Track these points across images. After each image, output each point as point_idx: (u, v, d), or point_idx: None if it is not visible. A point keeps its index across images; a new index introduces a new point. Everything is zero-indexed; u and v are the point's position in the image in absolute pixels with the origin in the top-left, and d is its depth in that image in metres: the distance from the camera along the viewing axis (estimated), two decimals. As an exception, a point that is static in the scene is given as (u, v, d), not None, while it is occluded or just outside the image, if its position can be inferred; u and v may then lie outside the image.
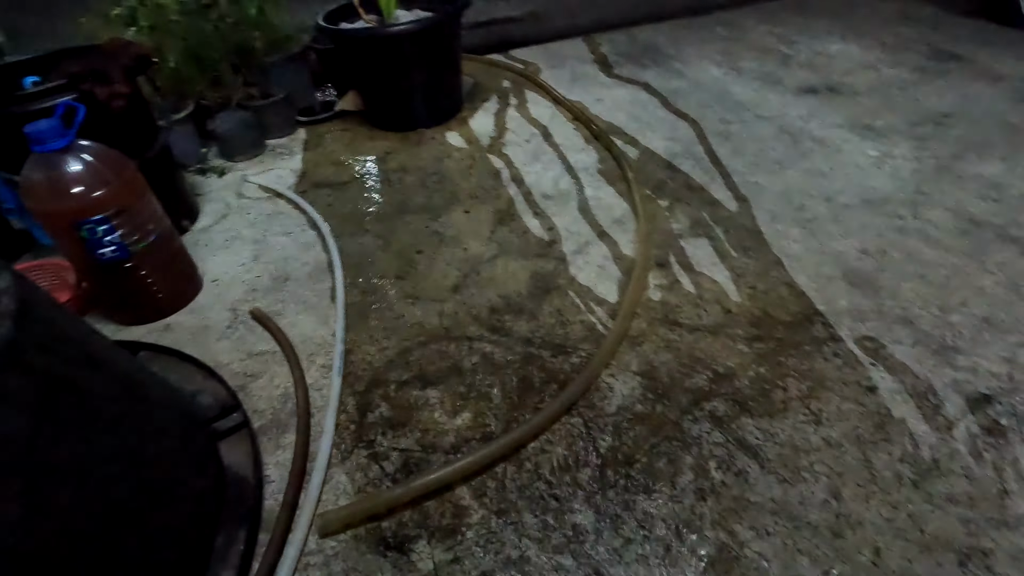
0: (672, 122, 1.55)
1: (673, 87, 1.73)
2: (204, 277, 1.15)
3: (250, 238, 1.26)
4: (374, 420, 0.85)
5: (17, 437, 0.50)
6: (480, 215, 1.26)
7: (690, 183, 1.30)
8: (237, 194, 1.43)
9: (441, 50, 1.57)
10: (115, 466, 0.58)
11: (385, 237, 1.22)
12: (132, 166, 0.97)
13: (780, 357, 0.88)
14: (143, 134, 1.17)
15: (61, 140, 0.88)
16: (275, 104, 1.63)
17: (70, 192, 0.89)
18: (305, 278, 1.13)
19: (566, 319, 0.98)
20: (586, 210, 1.25)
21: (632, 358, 0.90)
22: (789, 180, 1.27)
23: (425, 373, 0.91)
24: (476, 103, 1.75)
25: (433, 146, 1.55)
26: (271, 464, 0.80)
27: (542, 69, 1.95)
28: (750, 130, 1.48)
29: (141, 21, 1.39)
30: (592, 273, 1.08)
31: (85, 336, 0.67)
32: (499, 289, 1.06)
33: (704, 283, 1.03)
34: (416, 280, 1.10)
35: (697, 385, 0.85)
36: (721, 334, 0.93)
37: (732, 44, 2.01)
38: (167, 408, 0.73)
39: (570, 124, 1.60)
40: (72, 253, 0.98)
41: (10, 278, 0.59)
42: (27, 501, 0.49)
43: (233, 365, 0.95)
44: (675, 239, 1.14)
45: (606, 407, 0.83)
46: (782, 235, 1.12)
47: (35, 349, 0.55)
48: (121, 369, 0.68)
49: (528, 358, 0.92)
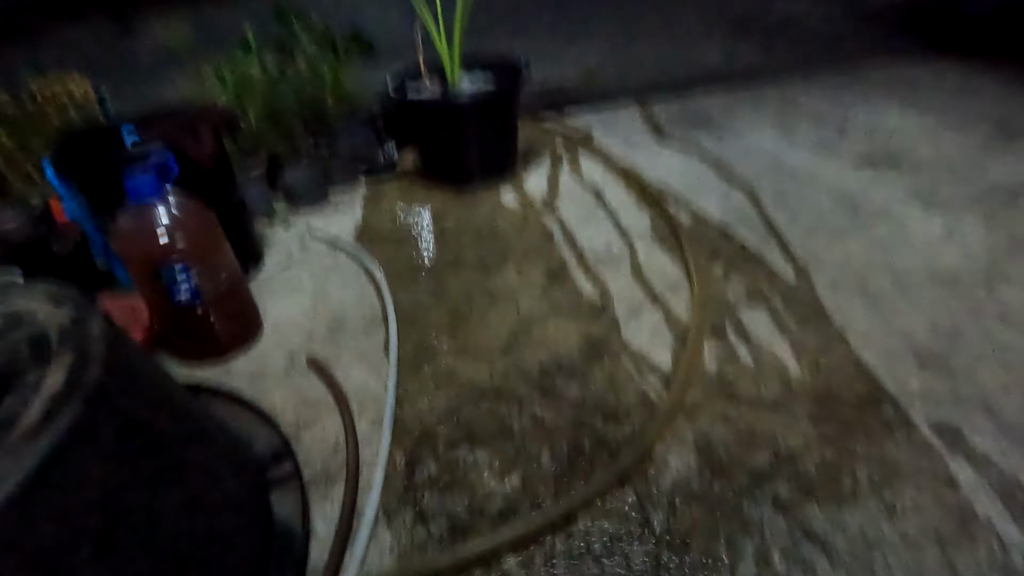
0: (725, 189, 1.55)
1: (726, 154, 1.75)
2: (265, 322, 1.20)
3: (310, 286, 1.31)
4: (422, 479, 0.84)
5: (98, 479, 0.52)
6: (532, 274, 1.28)
7: (745, 250, 1.28)
8: (300, 244, 1.50)
9: (500, 116, 1.65)
10: (180, 513, 0.60)
11: (438, 292, 1.25)
12: (213, 218, 1.04)
13: (848, 440, 0.83)
14: (224, 186, 1.26)
15: (155, 194, 0.95)
16: (340, 160, 1.73)
17: (157, 240, 0.95)
18: (360, 328, 1.16)
19: (618, 385, 0.97)
20: (639, 274, 1.25)
21: (688, 431, 0.87)
22: (850, 251, 1.24)
23: (474, 432, 0.91)
24: (530, 163, 1.81)
25: (487, 204, 1.60)
26: (318, 517, 0.80)
27: (595, 132, 2.00)
28: (806, 199, 1.47)
29: (228, 83, 1.52)
30: (645, 339, 1.06)
31: (162, 379, 0.70)
32: (550, 350, 1.06)
33: (763, 355, 1.00)
34: (467, 336, 1.11)
35: (757, 464, 0.81)
36: (782, 411, 0.89)
37: (785, 113, 2.03)
38: (228, 456, 0.75)
39: (623, 187, 1.62)
40: (149, 295, 1.05)
41: (101, 322, 0.63)
42: (100, 544, 0.50)
43: (287, 413, 0.97)
44: (731, 307, 1.12)
45: (660, 482, 0.80)
46: (845, 308, 1.08)
47: (119, 392, 0.58)
48: (188, 414, 0.71)
49: (579, 423, 0.90)
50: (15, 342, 0.61)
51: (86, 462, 0.51)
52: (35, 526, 0.46)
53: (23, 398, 0.53)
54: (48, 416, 0.50)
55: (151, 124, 1.24)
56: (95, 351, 0.58)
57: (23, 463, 0.46)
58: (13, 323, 0.64)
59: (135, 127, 1.27)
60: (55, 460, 0.48)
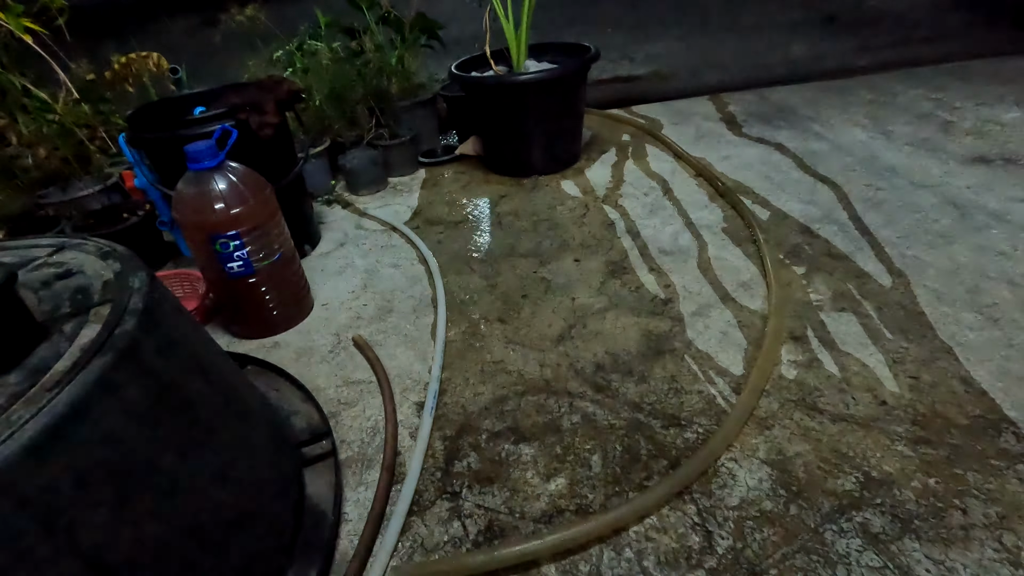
0: (810, 184, 1.41)
1: (811, 148, 1.60)
2: (315, 300, 1.18)
3: (362, 267, 1.29)
4: (461, 470, 0.79)
5: (121, 438, 0.49)
6: (591, 265, 1.20)
7: (832, 250, 1.15)
8: (356, 225, 1.48)
9: (564, 100, 1.58)
10: (208, 483, 0.57)
11: (491, 279, 1.20)
12: (269, 189, 1.03)
13: (956, 469, 0.71)
14: (284, 162, 1.26)
15: (213, 160, 0.95)
16: (401, 145, 1.71)
17: (213, 207, 0.95)
18: (409, 311, 1.12)
19: (681, 387, 0.88)
20: (708, 270, 1.14)
21: (760, 443, 0.77)
22: (958, 257, 1.09)
23: (520, 426, 0.84)
24: (593, 154, 1.73)
25: (547, 193, 1.54)
26: (351, 501, 0.76)
27: (664, 125, 1.90)
28: (905, 198, 1.31)
29: (297, 64, 1.53)
30: (713, 339, 0.96)
31: (202, 345, 0.67)
32: (606, 345, 0.98)
33: (851, 365, 0.88)
34: (519, 325, 1.05)
35: (844, 488, 0.70)
36: (875, 429, 0.77)
37: (879, 108, 1.84)
38: (263, 427, 0.72)
39: (693, 180, 1.51)
40: (205, 265, 1.05)
41: (144, 279, 0.61)
42: (116, 505, 0.47)
43: (329, 391, 0.95)
44: (814, 311, 1.00)
45: (726, 497, 0.71)
46: (952, 320, 0.94)
47: (154, 351, 0.55)
48: (228, 382, 0.68)
49: (635, 425, 0.82)
50: (60, 293, 0.60)
51: (111, 418, 0.48)
52: (52, 481, 0.44)
53: (56, 348, 0.51)
54: (76, 367, 0.48)
55: (219, 97, 1.25)
56: (132, 306, 0.56)
57: (44, 413, 0.44)
58: (63, 275, 0.64)
59: (204, 100, 1.29)
60: (78, 413, 0.46)
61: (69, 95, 1.38)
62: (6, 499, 0.41)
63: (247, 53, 1.78)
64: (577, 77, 1.57)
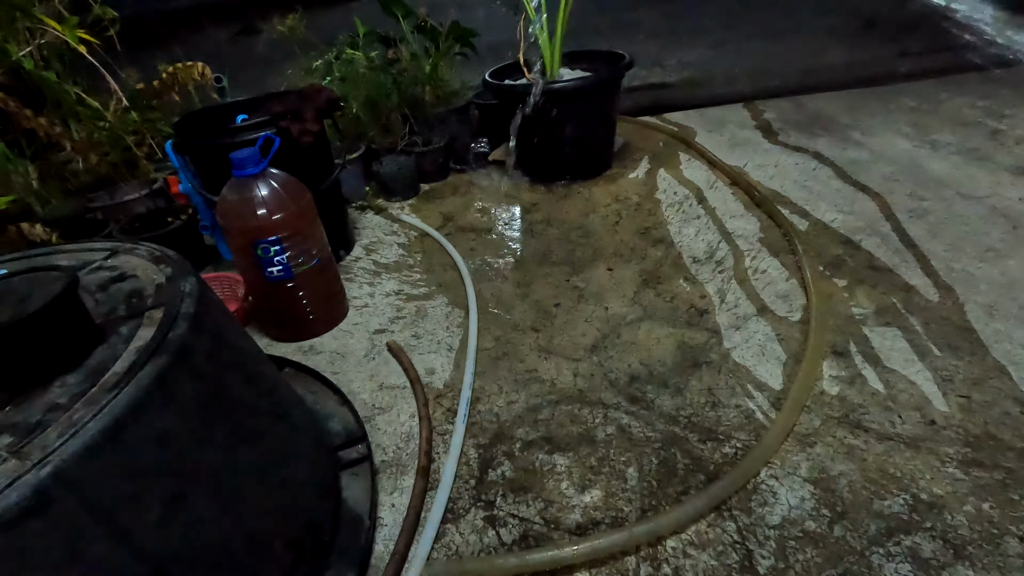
0: (850, 194, 1.38)
1: (851, 157, 1.56)
2: (350, 304, 1.20)
3: (395, 272, 1.30)
4: (495, 479, 0.79)
5: (174, 438, 0.50)
6: (624, 274, 1.19)
7: (874, 263, 1.12)
8: (389, 231, 1.50)
9: (597, 109, 1.57)
10: (251, 484, 0.58)
11: (524, 286, 1.20)
12: (309, 196, 1.05)
13: (1013, 494, 0.68)
14: (322, 169, 1.28)
15: (256, 167, 0.97)
16: (434, 151, 1.73)
17: (255, 213, 0.97)
18: (442, 317, 1.13)
19: (718, 400, 0.86)
20: (745, 281, 1.12)
21: (801, 460, 0.75)
22: (1011, 272, 1.05)
23: (554, 436, 0.84)
24: (626, 161, 1.72)
25: (579, 200, 1.53)
26: (386, 506, 0.76)
27: (698, 132, 1.87)
28: (951, 210, 1.27)
29: (335, 72, 1.56)
30: (751, 352, 0.95)
31: (247, 349, 0.69)
32: (641, 355, 0.97)
33: (897, 382, 0.85)
34: (552, 334, 1.05)
35: (891, 511, 0.68)
36: (923, 450, 0.75)
37: (923, 115, 1.79)
38: (303, 430, 0.73)
39: (728, 189, 1.49)
40: (245, 268, 1.07)
41: (195, 283, 0.63)
42: (168, 504, 0.49)
43: (364, 395, 0.96)
44: (856, 325, 0.97)
45: (767, 516, 0.69)
46: (1006, 337, 0.90)
47: (204, 354, 0.57)
48: (270, 385, 0.70)
49: (671, 438, 0.81)
50: (116, 296, 0.62)
51: (164, 420, 0.50)
52: (109, 480, 0.45)
53: (114, 350, 0.53)
54: (133, 369, 0.50)
55: (261, 105, 1.29)
56: (184, 310, 0.57)
57: (105, 414, 0.45)
58: (118, 278, 0.66)
59: (246, 108, 1.32)
60: (134, 414, 0.47)
61: (119, 103, 1.43)
62: (69, 496, 0.42)
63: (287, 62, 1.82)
64: (610, 86, 1.57)
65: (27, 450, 0.43)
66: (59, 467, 0.42)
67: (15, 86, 1.37)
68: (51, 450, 0.43)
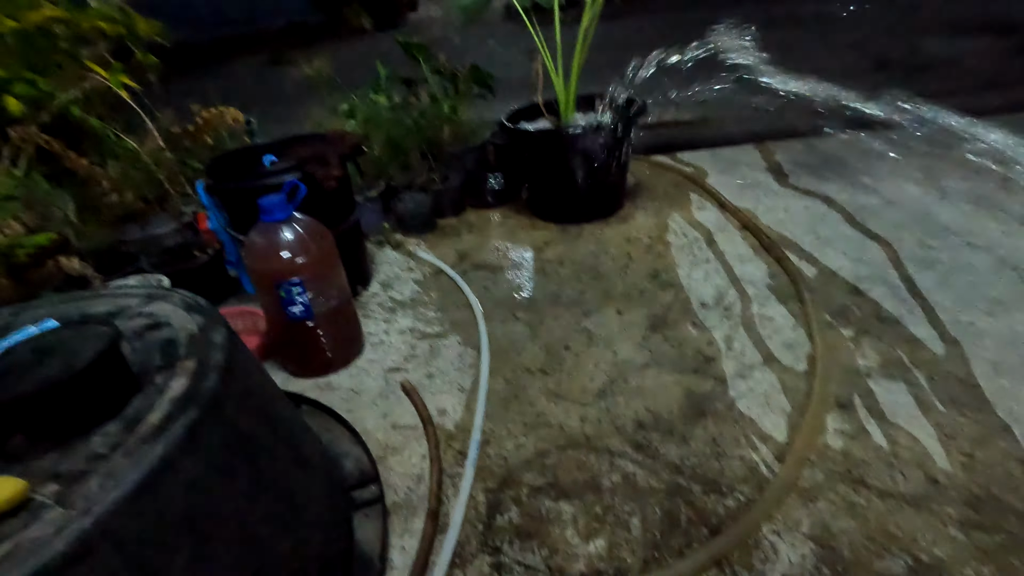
0: (859, 241, 1.40)
1: (860, 202, 1.59)
2: (366, 340, 1.24)
3: (410, 310, 1.35)
4: (502, 524, 0.81)
5: (201, 486, 0.54)
6: (633, 317, 1.22)
7: (881, 313, 1.13)
8: (406, 267, 1.55)
9: (610, 153, 1.62)
10: (271, 529, 0.61)
11: (534, 327, 1.23)
12: (331, 239, 1.10)
13: (1014, 558, 0.69)
14: (343, 208, 1.34)
15: (283, 213, 1.03)
16: (451, 189, 1.78)
17: (280, 256, 1.02)
18: (455, 357, 1.16)
19: (723, 451, 0.88)
20: (751, 328, 1.14)
21: (803, 515, 0.77)
22: (1018, 326, 1.06)
23: (560, 482, 0.86)
24: (638, 202, 1.76)
25: (590, 241, 1.57)
26: (395, 547, 0.79)
27: (709, 173, 1.91)
28: (960, 260, 1.28)
29: (358, 115, 1.63)
30: (756, 402, 0.96)
31: (270, 394, 0.73)
32: (647, 402, 0.99)
33: (900, 438, 0.86)
34: (561, 377, 1.07)
35: (892, 571, 0.69)
36: (924, 509, 0.76)
37: (934, 160, 1.81)
38: (320, 473, 0.76)
39: (737, 232, 1.52)
40: (268, 307, 1.12)
41: (225, 334, 0.67)
42: (196, 552, 0.52)
43: (378, 434, 0.99)
44: (861, 377, 0.98)
45: (768, 572, 0.71)
46: (1011, 395, 0.91)
47: (231, 403, 0.61)
48: (291, 430, 0.73)
49: (675, 489, 0.83)
50: (151, 344, 0.66)
51: (193, 469, 0.53)
52: (143, 528, 0.49)
53: (150, 400, 0.57)
54: (168, 420, 0.54)
55: (287, 148, 1.35)
56: (215, 361, 0.62)
57: (141, 464, 0.49)
58: (153, 326, 0.70)
59: (273, 150, 1.39)
60: (169, 464, 0.51)
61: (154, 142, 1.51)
62: (107, 543, 0.46)
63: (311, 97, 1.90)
64: (625, 131, 1.62)
65: (71, 499, 0.47)
66: (100, 516, 0.45)
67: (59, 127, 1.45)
68: (93, 500, 0.46)
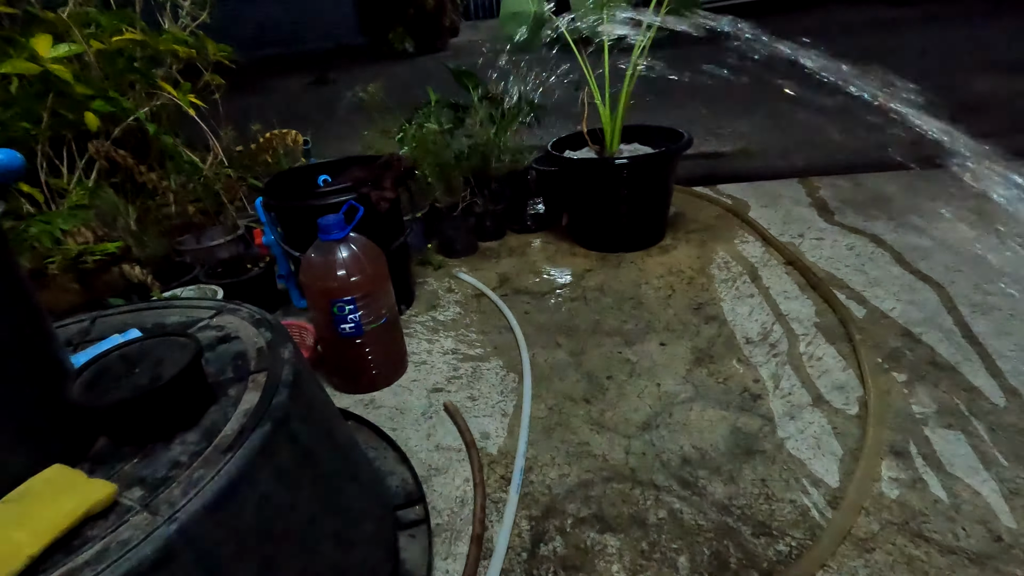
0: (910, 283, 1.37)
1: (910, 243, 1.56)
2: (410, 359, 1.26)
3: (452, 330, 1.36)
4: (546, 554, 0.80)
5: (270, 501, 0.55)
6: (676, 350, 1.21)
7: (936, 359, 1.11)
8: (448, 288, 1.57)
9: (654, 184, 1.63)
10: (329, 543, 0.62)
11: (576, 355, 1.23)
12: (384, 259, 1.13)
13: (1089, 628, 0.65)
14: (394, 229, 1.37)
15: (340, 232, 1.06)
16: (493, 212, 1.81)
17: (336, 274, 1.05)
18: (497, 381, 1.17)
19: (772, 493, 0.86)
20: (799, 367, 1.13)
21: (859, 566, 0.74)
22: (1084, 379, 1.02)
23: (605, 515, 0.85)
24: (679, 233, 1.76)
25: (632, 270, 1.57)
26: (439, 571, 0.79)
27: (752, 207, 1.90)
28: (1018, 306, 1.24)
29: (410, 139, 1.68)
30: (806, 444, 0.94)
31: (329, 410, 0.75)
32: (693, 438, 0.98)
33: (961, 491, 0.83)
34: (604, 407, 1.07)
35: (956, 632, 0.66)
36: (989, 568, 0.73)
37: (987, 202, 1.77)
38: (371, 490, 0.77)
39: (781, 268, 1.50)
40: (319, 321, 1.15)
41: (292, 350, 0.69)
42: (262, 563, 0.53)
43: (421, 454, 1.00)
44: (917, 424, 0.96)
45: (823, 623, 0.69)
46: (1079, 452, 0.88)
47: (299, 420, 0.63)
48: (346, 445, 0.75)
49: (724, 530, 0.81)
50: (223, 356, 0.69)
51: (265, 484, 0.55)
52: (219, 538, 0.50)
53: (224, 412, 0.60)
54: (243, 432, 0.56)
55: (342, 169, 1.40)
56: (284, 376, 0.64)
57: (222, 475, 0.51)
58: (224, 339, 0.73)
59: (328, 171, 1.44)
60: (246, 476, 0.53)
61: (215, 157, 1.59)
62: (188, 551, 0.48)
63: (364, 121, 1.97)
64: (668, 162, 1.63)
65: (155, 505, 0.49)
66: (184, 523, 0.47)
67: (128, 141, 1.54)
68: (178, 507, 0.48)
